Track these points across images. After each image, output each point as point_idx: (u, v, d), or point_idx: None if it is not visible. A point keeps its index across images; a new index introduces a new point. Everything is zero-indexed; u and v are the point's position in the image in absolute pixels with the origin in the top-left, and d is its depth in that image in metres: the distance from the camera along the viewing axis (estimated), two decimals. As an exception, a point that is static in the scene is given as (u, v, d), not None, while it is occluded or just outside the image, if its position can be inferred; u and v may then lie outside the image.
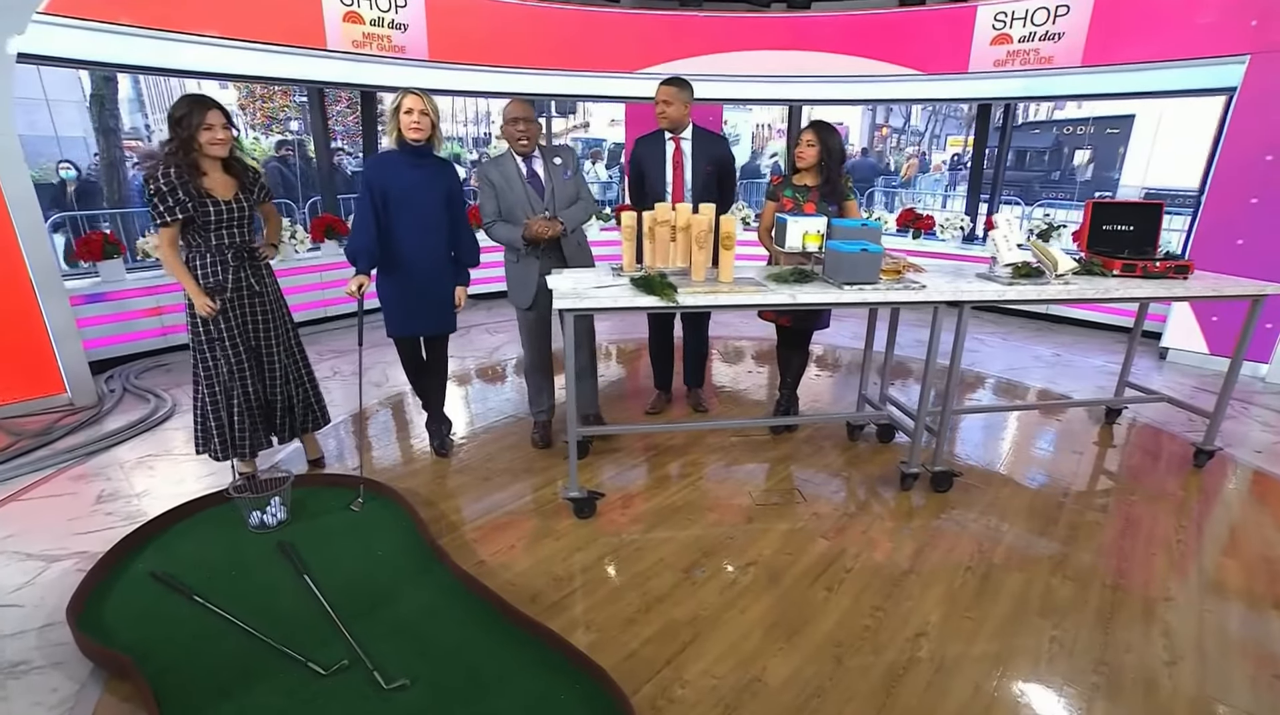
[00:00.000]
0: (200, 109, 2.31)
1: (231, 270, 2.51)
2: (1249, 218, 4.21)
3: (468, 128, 19.77)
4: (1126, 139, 13.94)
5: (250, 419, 2.65)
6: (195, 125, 2.30)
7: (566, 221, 2.86)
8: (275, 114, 18.51)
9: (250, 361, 2.62)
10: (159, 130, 24.18)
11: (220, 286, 2.50)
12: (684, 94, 3.02)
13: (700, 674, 1.85)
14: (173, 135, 2.34)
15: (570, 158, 2.99)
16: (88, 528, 2.54)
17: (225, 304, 2.51)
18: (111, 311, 4.19)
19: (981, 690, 1.81)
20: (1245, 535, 2.57)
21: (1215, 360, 4.44)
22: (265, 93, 18.44)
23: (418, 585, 2.17)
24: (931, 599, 2.17)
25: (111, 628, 1.97)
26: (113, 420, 3.48)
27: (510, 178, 2.85)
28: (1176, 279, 2.82)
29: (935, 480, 2.81)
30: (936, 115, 22.40)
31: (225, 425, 2.61)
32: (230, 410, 2.60)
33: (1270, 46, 4.11)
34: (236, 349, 2.57)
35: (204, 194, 2.39)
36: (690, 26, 5.78)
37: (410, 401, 3.80)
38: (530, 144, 2.82)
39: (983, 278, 2.78)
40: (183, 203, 2.35)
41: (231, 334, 2.55)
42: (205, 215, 2.40)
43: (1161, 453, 3.26)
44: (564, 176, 2.94)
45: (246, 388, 2.61)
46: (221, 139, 2.37)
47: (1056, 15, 4.77)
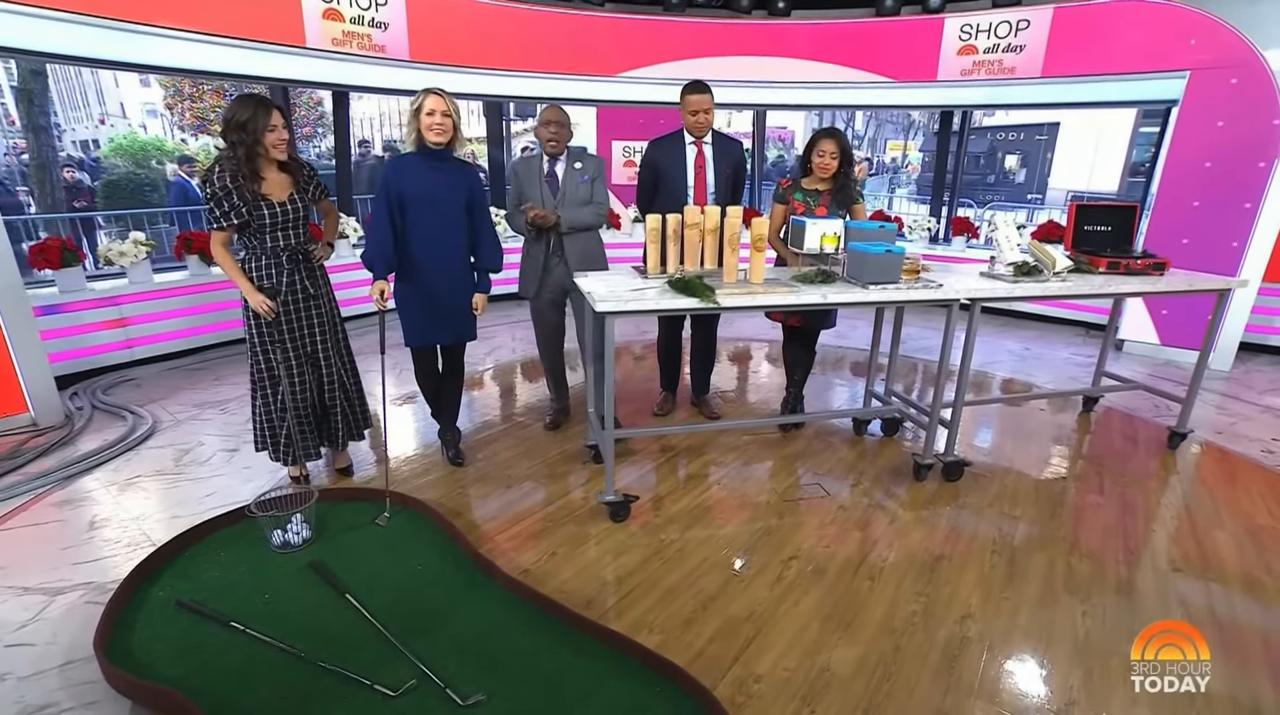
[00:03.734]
0: (265, 111, 2.27)
1: (286, 273, 2.46)
2: (1192, 220, 4.58)
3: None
4: (1053, 145, 14.94)
5: (304, 426, 2.60)
6: (261, 128, 2.24)
7: (564, 216, 2.99)
8: (205, 114, 17.49)
9: (307, 366, 2.57)
10: (70, 129, 22.38)
11: (275, 289, 2.44)
12: (712, 100, 3.06)
13: (771, 668, 1.88)
14: (235, 139, 2.26)
15: (592, 165, 3.07)
16: (87, 556, 2.35)
17: (280, 306, 2.46)
18: (71, 323, 3.88)
19: (1032, 665, 1.91)
20: (1227, 509, 2.80)
21: (1166, 350, 4.82)
22: (195, 91, 17.42)
23: (470, 599, 2.12)
24: (968, 582, 2.28)
25: (145, 661, 1.83)
26: (87, 441, 3.23)
27: (532, 175, 3.02)
28: (1155, 275, 3.05)
29: (947, 470, 2.94)
30: (875, 120, 23.36)
31: (280, 429, 2.56)
32: (285, 415, 2.55)
33: (1206, 64, 4.49)
34: (293, 352, 2.53)
35: (259, 198, 2.34)
36: (670, 31, 5.83)
37: (419, 410, 3.69)
38: (559, 146, 2.96)
39: (987, 277, 2.93)
40: (238, 208, 2.31)
41: (290, 337, 2.51)
42: (260, 219, 2.36)
43: (1138, 437, 3.52)
44: (580, 180, 3.03)
45: (304, 393, 2.58)
46: (285, 139, 2.35)
47: (1018, 29, 5.07)
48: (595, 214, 3.08)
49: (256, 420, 2.63)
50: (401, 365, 4.07)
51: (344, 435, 2.77)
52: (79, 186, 8.01)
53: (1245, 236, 4.42)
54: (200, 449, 3.18)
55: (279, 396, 2.55)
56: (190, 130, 17.61)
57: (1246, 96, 4.35)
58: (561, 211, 2.99)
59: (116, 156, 14.37)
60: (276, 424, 2.59)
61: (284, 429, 2.59)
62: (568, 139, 3.00)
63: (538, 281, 3.11)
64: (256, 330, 2.48)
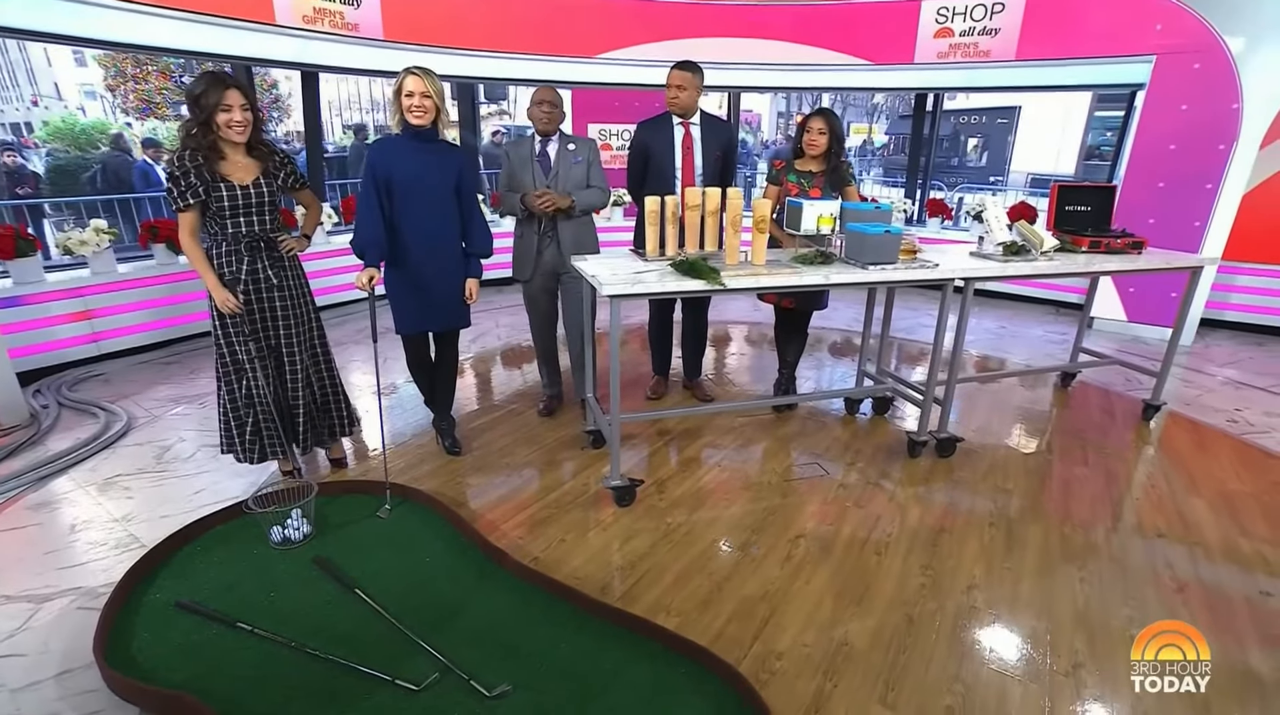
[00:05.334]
0: (218, 88, 2.11)
1: (246, 260, 2.31)
2: (1158, 200, 4.75)
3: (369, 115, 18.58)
4: (1014, 128, 15.30)
5: (269, 422, 2.47)
6: (212, 105, 2.09)
7: (578, 201, 2.98)
8: (150, 97, 16.60)
9: (270, 360, 2.44)
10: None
11: (235, 278, 2.31)
12: (697, 79, 3.03)
13: (791, 645, 1.91)
14: (191, 115, 2.12)
15: (586, 147, 3.04)
16: (71, 561, 2.24)
17: (240, 297, 2.33)
18: (30, 317, 3.67)
19: (1039, 631, 1.98)
20: (1201, 476, 2.93)
21: (1133, 326, 5.01)
22: (139, 72, 16.51)
23: (482, 589, 2.09)
24: (970, 554, 2.34)
25: (149, 667, 1.76)
26: (56, 440, 3.07)
27: (523, 154, 3.00)
28: (1133, 253, 3.15)
29: (941, 446, 3.01)
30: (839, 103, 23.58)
31: (247, 427, 2.44)
32: (252, 411, 2.43)
33: (1171, 49, 4.63)
34: (256, 346, 2.40)
35: (220, 178, 2.19)
36: (651, 12, 5.75)
37: (406, 399, 3.60)
38: (552, 125, 2.93)
39: (977, 256, 2.99)
40: (194, 187, 2.15)
41: (251, 330, 2.38)
42: (219, 200, 2.20)
43: (1114, 410, 3.66)
44: (574, 161, 2.99)
45: (267, 388, 2.44)
46: (240, 121, 2.17)
47: (993, 12, 5.15)
48: (601, 195, 3.08)
49: (220, 420, 2.49)
50: (384, 353, 3.97)
51: (318, 435, 2.66)
52: (21, 172, 7.55)
53: (1206, 216, 4.61)
54: (182, 445, 3.05)
55: (244, 390, 2.42)
56: (135, 113, 16.70)
57: (1208, 81, 4.50)
58: (576, 196, 2.97)
59: (56, 140, 13.59)
60: (240, 422, 2.45)
61: (250, 425, 2.46)
62: (560, 120, 2.98)
63: (532, 264, 3.06)
64: (219, 322, 2.36)
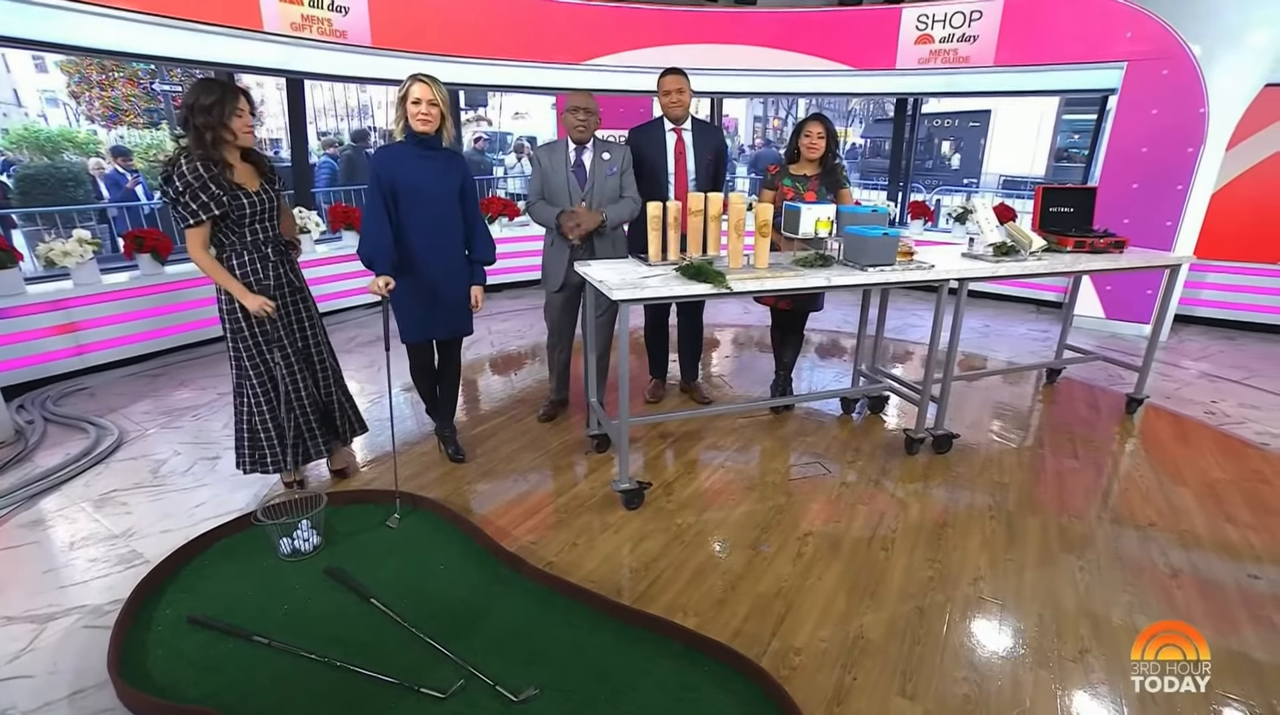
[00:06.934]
0: (233, 95, 2.11)
1: (273, 265, 2.32)
2: (1132, 201, 4.92)
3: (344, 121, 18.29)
4: (986, 132, 15.69)
5: (310, 424, 2.49)
6: (229, 112, 2.07)
7: (609, 216, 2.96)
8: (118, 104, 16.19)
9: (303, 362, 2.45)
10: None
11: (264, 285, 2.30)
12: (688, 83, 3.07)
13: (809, 640, 1.94)
14: (200, 124, 2.08)
15: (620, 155, 3.02)
16: (73, 579, 2.19)
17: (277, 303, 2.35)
18: (12, 330, 3.57)
19: (1046, 619, 2.04)
20: (1186, 467, 3.05)
21: (1111, 323, 5.17)
22: (105, 79, 16.10)
23: (499, 594, 2.09)
24: (973, 547, 2.41)
25: (166, 684, 1.73)
26: (45, 456, 2.99)
27: (558, 163, 2.97)
28: (1115, 253, 3.27)
29: (938, 443, 3.08)
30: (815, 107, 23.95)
31: (288, 432, 2.44)
32: (293, 415, 2.44)
33: (1141, 55, 4.81)
34: (282, 351, 2.40)
35: (235, 186, 2.18)
36: (636, 19, 5.80)
37: (408, 407, 3.58)
38: (587, 133, 2.92)
39: (969, 257, 3.07)
40: (217, 197, 2.13)
41: (277, 335, 2.38)
42: (240, 209, 2.20)
43: (1099, 404, 3.77)
44: (609, 172, 2.99)
45: (307, 390, 2.47)
46: (252, 126, 2.17)
47: (971, 19, 5.30)
48: (633, 206, 3.03)
49: (249, 432, 2.44)
50: (380, 361, 3.93)
51: (347, 430, 2.69)
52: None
53: (1178, 216, 4.78)
54: (177, 459, 2.99)
55: (283, 398, 2.41)
56: (101, 121, 16.27)
57: (1176, 86, 4.68)
58: (607, 211, 2.95)
59: (21, 148, 13.20)
60: (279, 429, 2.44)
61: (292, 430, 2.46)
62: (595, 127, 2.95)
63: (563, 276, 3.04)
64: (249, 331, 2.33)
